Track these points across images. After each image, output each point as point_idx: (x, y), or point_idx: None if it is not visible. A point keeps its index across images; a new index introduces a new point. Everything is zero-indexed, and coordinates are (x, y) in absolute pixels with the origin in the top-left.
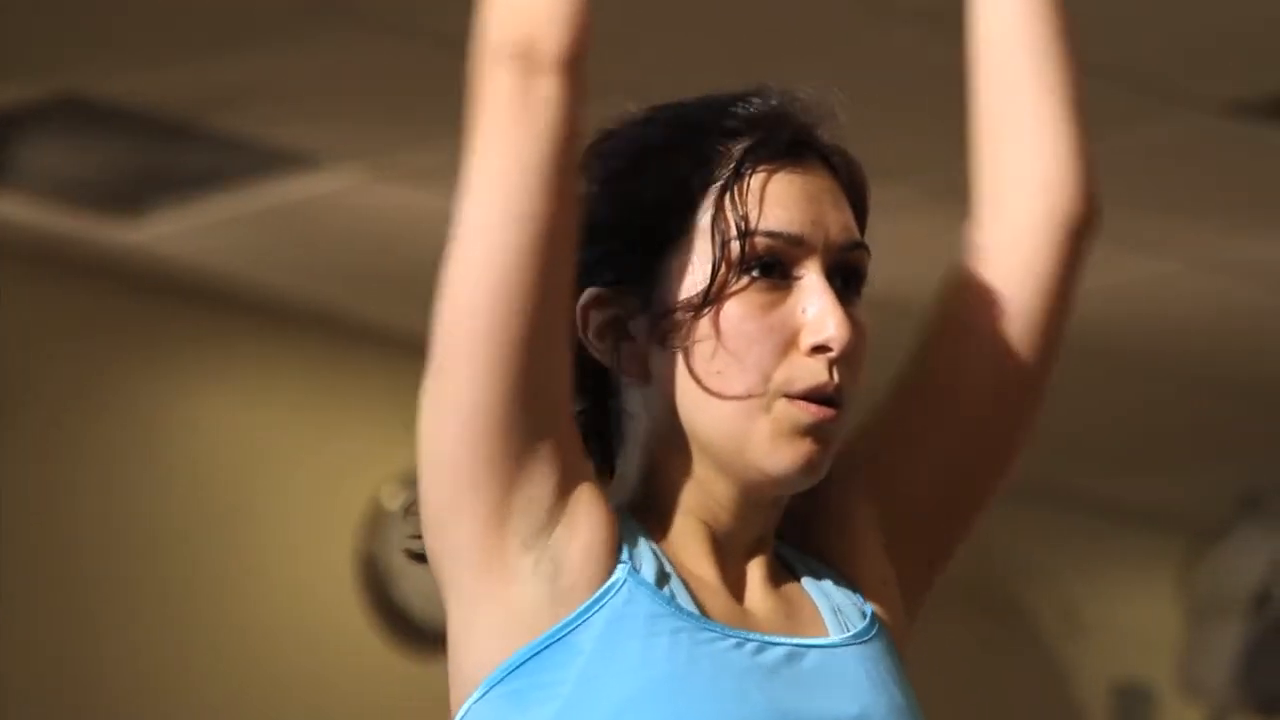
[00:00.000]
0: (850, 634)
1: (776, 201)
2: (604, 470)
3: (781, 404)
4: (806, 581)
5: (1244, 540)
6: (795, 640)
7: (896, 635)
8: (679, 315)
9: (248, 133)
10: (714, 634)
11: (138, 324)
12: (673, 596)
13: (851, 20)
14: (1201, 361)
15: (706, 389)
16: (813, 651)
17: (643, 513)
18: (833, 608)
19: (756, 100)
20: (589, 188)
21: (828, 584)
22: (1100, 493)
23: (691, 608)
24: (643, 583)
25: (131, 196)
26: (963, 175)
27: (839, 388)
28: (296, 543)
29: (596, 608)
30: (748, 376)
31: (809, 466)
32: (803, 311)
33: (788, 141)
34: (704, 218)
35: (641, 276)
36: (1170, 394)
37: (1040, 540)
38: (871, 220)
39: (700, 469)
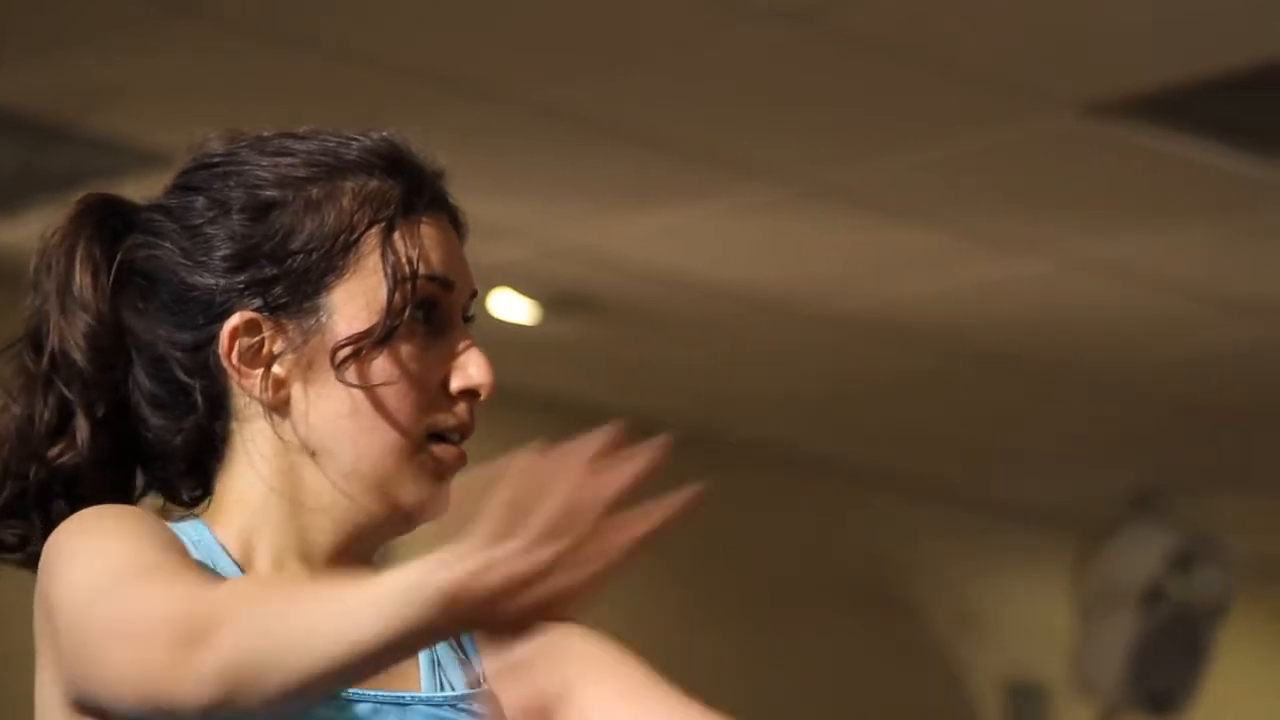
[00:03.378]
0: (444, 694)
1: (436, 246)
2: (199, 492)
3: (430, 444)
4: None
5: (1134, 538)
6: (376, 694)
7: None
8: (354, 349)
9: (120, 133)
10: None
11: (12, 324)
12: None
13: (715, 21)
14: (1081, 361)
15: (372, 423)
16: (388, 709)
17: (237, 551)
18: (433, 660)
19: (388, 143)
20: (220, 211)
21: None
22: (991, 491)
23: None
24: None
25: (4, 196)
26: (827, 176)
27: (471, 429)
28: None
29: None
30: (412, 414)
31: (440, 506)
32: (452, 355)
33: (433, 190)
34: (372, 256)
35: (301, 309)
36: (1055, 393)
37: (932, 538)
38: (737, 221)
39: (322, 503)
